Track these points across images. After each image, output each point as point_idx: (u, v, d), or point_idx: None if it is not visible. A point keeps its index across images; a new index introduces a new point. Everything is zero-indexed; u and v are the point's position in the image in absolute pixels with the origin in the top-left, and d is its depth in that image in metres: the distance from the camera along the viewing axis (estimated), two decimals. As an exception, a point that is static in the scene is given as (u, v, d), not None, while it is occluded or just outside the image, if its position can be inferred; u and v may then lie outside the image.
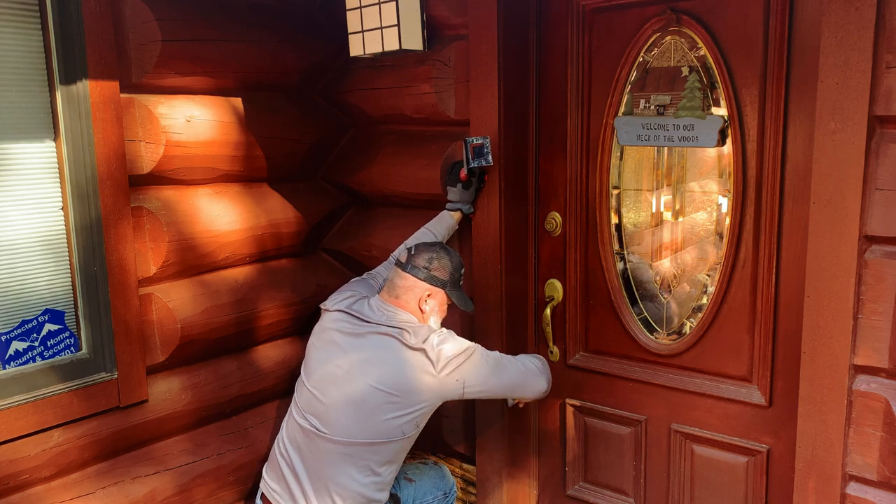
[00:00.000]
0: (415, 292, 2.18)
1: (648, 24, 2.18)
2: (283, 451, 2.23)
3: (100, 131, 2.14)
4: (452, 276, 2.23)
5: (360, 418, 2.09)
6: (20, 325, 2.12)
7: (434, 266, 2.19)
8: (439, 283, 2.20)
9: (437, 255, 2.21)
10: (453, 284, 2.24)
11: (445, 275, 2.21)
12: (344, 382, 2.12)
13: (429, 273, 2.18)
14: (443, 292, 2.22)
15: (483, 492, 2.64)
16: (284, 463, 2.21)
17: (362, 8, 2.43)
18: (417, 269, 2.18)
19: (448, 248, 2.27)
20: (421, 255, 2.20)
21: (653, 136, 2.21)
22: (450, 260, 2.23)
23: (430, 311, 2.21)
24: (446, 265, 2.21)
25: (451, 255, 2.25)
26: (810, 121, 1.90)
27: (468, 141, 2.34)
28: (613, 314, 2.41)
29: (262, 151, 2.57)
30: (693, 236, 2.27)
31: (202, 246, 2.41)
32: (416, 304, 2.19)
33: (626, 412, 2.43)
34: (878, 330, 1.77)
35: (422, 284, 2.18)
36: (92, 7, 2.08)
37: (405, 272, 2.19)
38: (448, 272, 2.21)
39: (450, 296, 2.24)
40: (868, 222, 1.74)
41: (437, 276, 2.19)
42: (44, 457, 2.12)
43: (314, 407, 2.16)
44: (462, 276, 2.28)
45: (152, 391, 2.36)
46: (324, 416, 2.13)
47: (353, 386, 2.10)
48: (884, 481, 1.81)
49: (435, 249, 2.23)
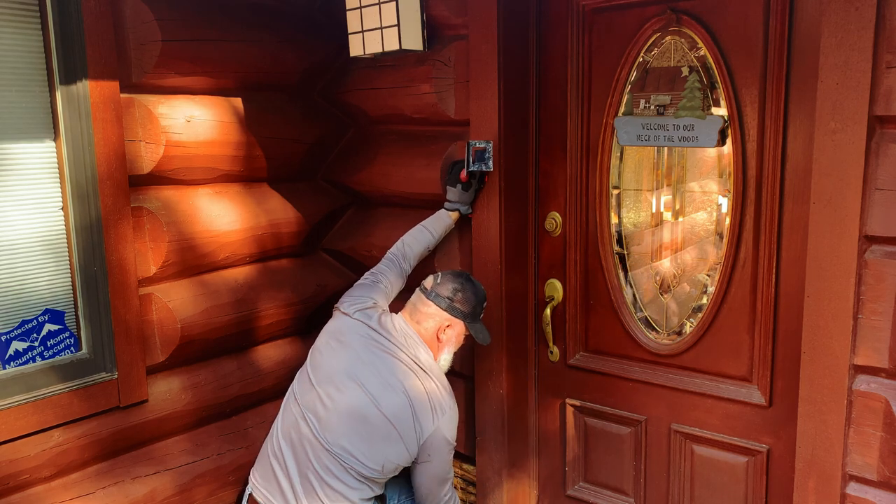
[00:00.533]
0: (435, 320, 2.22)
1: (648, 24, 2.18)
2: (274, 450, 2.23)
3: (100, 131, 2.14)
4: (475, 309, 2.25)
5: (357, 435, 2.11)
6: (20, 325, 2.12)
7: (458, 298, 2.22)
8: (460, 315, 2.22)
9: (462, 287, 2.23)
10: (474, 318, 2.26)
11: (468, 308, 2.23)
12: (354, 395, 2.13)
13: (451, 304, 2.21)
14: (462, 324, 2.25)
15: (483, 492, 2.64)
16: (276, 461, 2.21)
17: (362, 8, 2.43)
18: (441, 298, 2.21)
19: (473, 281, 2.29)
20: (446, 285, 2.23)
21: (653, 136, 2.22)
22: (474, 293, 2.25)
23: (447, 342, 2.25)
24: (470, 298, 2.23)
25: (475, 288, 2.27)
26: (810, 121, 1.90)
27: (471, 144, 2.34)
28: (613, 314, 2.41)
29: (262, 151, 2.57)
30: (693, 236, 2.27)
31: (202, 246, 2.41)
32: (434, 332, 2.23)
33: (626, 412, 2.43)
34: (878, 330, 1.77)
35: (443, 314, 2.21)
36: (92, 7, 2.08)
37: (428, 299, 2.22)
38: (471, 305, 2.24)
39: (468, 328, 2.26)
40: (868, 222, 1.74)
41: (460, 308, 2.22)
42: (44, 457, 2.12)
43: (316, 408, 2.16)
44: (483, 310, 2.30)
45: (152, 391, 2.36)
46: (324, 419, 2.14)
47: (361, 401, 2.12)
48: (884, 481, 1.81)
49: (461, 281, 2.25)
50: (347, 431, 2.11)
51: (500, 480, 2.59)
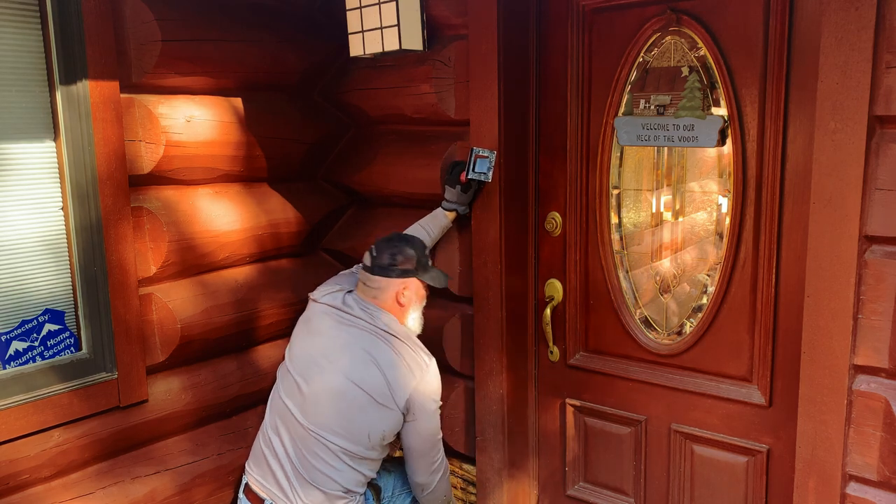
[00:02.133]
0: (390, 290, 2.21)
1: (648, 24, 2.18)
2: (266, 440, 2.25)
3: (100, 131, 2.14)
4: (420, 261, 2.24)
5: (336, 413, 2.12)
6: (20, 325, 2.12)
7: (400, 260, 2.20)
8: (410, 274, 2.22)
9: (399, 248, 2.22)
10: (423, 268, 2.25)
11: (413, 263, 2.22)
12: (328, 376, 2.15)
13: (396, 269, 2.20)
14: (416, 280, 2.24)
15: (483, 492, 2.64)
16: (269, 450, 2.22)
17: (362, 8, 2.43)
18: (384, 268, 2.20)
19: (405, 236, 2.27)
20: (383, 254, 2.21)
21: (653, 136, 2.21)
22: (411, 247, 2.23)
23: (409, 303, 2.24)
24: (410, 254, 2.22)
25: (410, 242, 2.25)
26: (810, 121, 1.90)
27: (475, 150, 2.34)
28: (613, 314, 2.41)
29: (262, 151, 2.57)
30: (693, 236, 2.27)
31: (202, 246, 2.41)
32: (393, 300, 2.22)
33: (625, 412, 2.43)
34: (878, 330, 1.77)
35: (394, 281, 2.20)
36: (92, 7, 2.08)
37: (374, 275, 2.21)
38: (415, 259, 2.22)
39: (423, 280, 2.25)
40: (868, 222, 1.74)
41: (406, 268, 2.21)
42: (44, 457, 2.12)
43: (296, 396, 2.19)
44: (428, 256, 2.28)
45: (152, 391, 2.36)
46: (304, 405, 2.16)
47: (336, 380, 2.13)
48: (884, 481, 1.81)
49: (394, 243, 2.23)
50: (327, 412, 2.13)
51: (500, 480, 2.59)
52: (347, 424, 2.12)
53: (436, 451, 2.26)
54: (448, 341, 2.63)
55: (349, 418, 2.12)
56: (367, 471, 2.21)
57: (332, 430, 2.13)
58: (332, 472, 2.14)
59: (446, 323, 2.62)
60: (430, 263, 2.30)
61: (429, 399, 2.17)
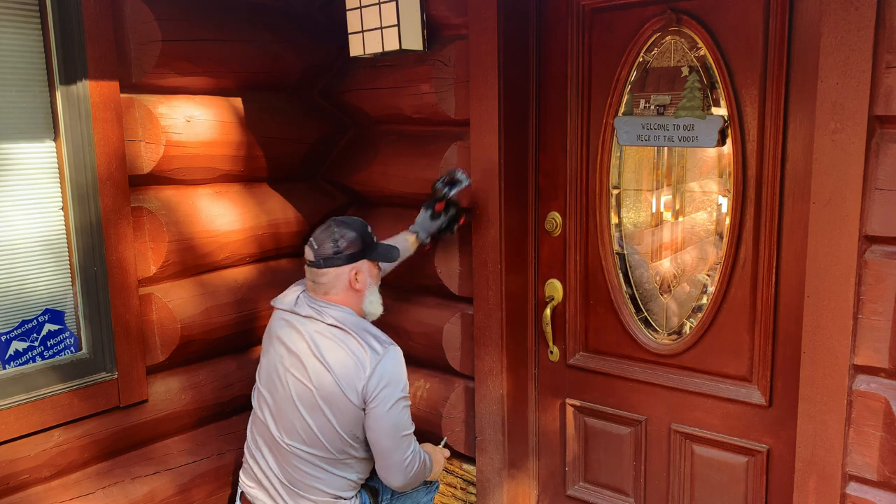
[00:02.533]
0: (342, 279, 2.13)
1: (648, 24, 2.18)
2: (252, 455, 2.24)
3: (100, 131, 2.14)
4: (364, 240, 2.15)
5: (301, 422, 2.09)
6: (20, 325, 2.12)
7: (343, 246, 2.11)
8: (358, 257, 2.14)
9: (339, 233, 2.13)
10: (370, 248, 2.17)
11: (358, 245, 2.13)
12: (284, 382, 2.12)
13: (343, 255, 2.11)
14: (366, 261, 2.17)
15: (483, 492, 2.64)
16: (255, 465, 2.22)
17: (362, 8, 2.43)
18: (330, 259, 2.11)
19: (340, 219, 2.19)
20: (325, 245, 2.12)
21: (653, 136, 2.21)
22: (352, 229, 2.15)
23: (364, 285, 2.17)
24: (353, 237, 2.13)
25: (349, 223, 2.17)
26: (810, 121, 1.90)
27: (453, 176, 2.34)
28: (613, 314, 2.41)
29: (261, 151, 2.57)
30: (693, 236, 2.27)
31: (202, 246, 2.41)
32: (347, 288, 2.14)
33: (625, 412, 2.43)
34: (878, 330, 1.77)
35: (343, 269, 2.12)
36: (92, 7, 2.08)
37: (321, 269, 2.12)
38: (359, 241, 2.14)
39: (372, 259, 2.19)
40: (868, 222, 1.74)
41: (352, 251, 2.12)
42: (44, 457, 2.12)
43: (265, 409, 2.18)
44: (371, 234, 2.20)
45: (152, 391, 2.36)
46: (273, 419, 2.15)
47: (291, 386, 2.11)
48: (884, 481, 1.81)
49: (332, 229, 2.14)
50: (293, 423, 2.10)
51: (500, 481, 2.59)
52: (314, 432, 2.08)
53: (404, 446, 2.11)
54: (448, 341, 2.63)
55: (313, 425, 2.08)
56: (353, 474, 2.17)
57: (302, 439, 2.09)
58: (315, 481, 2.12)
59: (446, 323, 2.62)
60: (374, 240, 2.21)
61: (384, 389, 2.05)
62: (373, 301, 2.21)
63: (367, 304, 2.20)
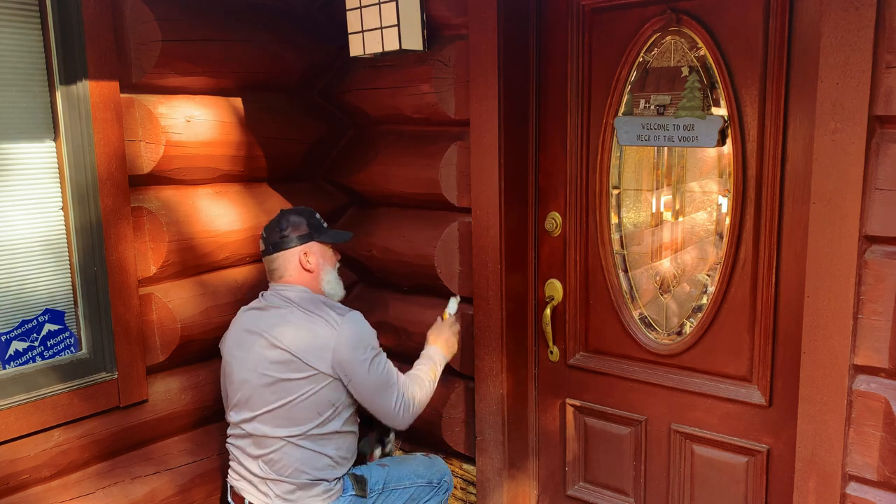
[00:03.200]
0: (292, 261, 2.23)
1: (648, 24, 2.18)
2: (232, 445, 2.25)
3: (100, 131, 2.14)
4: (311, 223, 2.26)
5: (269, 406, 2.11)
6: (20, 325, 2.12)
7: (288, 230, 2.23)
8: (305, 239, 2.24)
9: (285, 220, 2.25)
10: (318, 230, 2.27)
11: (304, 228, 2.24)
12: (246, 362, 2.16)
13: (289, 239, 2.22)
14: (315, 243, 2.26)
15: (483, 492, 2.64)
16: (236, 457, 2.23)
17: (362, 8, 2.43)
18: (278, 243, 2.23)
19: (288, 209, 2.31)
20: (272, 232, 2.25)
21: (653, 136, 2.21)
22: (296, 214, 2.27)
23: (317, 265, 2.25)
24: (297, 221, 2.25)
25: (295, 210, 2.29)
26: (810, 121, 1.90)
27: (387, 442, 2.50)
28: (613, 314, 2.41)
29: (262, 151, 2.57)
30: (693, 236, 2.27)
31: (202, 246, 2.41)
32: (298, 269, 2.23)
33: (626, 412, 2.43)
34: (878, 330, 1.77)
35: (292, 251, 2.22)
36: (92, 7, 2.08)
37: (272, 254, 2.24)
38: (304, 224, 2.25)
39: (323, 242, 2.28)
40: (868, 222, 1.74)
41: (298, 234, 2.23)
42: (44, 457, 2.12)
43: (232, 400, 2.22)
44: (321, 219, 2.31)
45: (152, 391, 2.36)
46: (245, 405, 2.17)
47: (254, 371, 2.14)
48: (884, 481, 1.81)
49: (277, 218, 2.28)
50: (263, 410, 2.12)
51: (500, 481, 2.59)
52: (284, 412, 2.10)
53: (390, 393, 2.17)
54: (448, 341, 2.63)
55: (281, 406, 2.10)
56: (331, 450, 2.17)
57: (275, 423, 2.11)
58: (294, 462, 2.12)
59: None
60: (323, 224, 2.31)
61: (353, 350, 2.10)
62: (330, 281, 2.29)
63: (325, 285, 2.28)
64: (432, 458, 2.47)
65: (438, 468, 2.44)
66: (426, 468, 2.41)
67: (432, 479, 2.40)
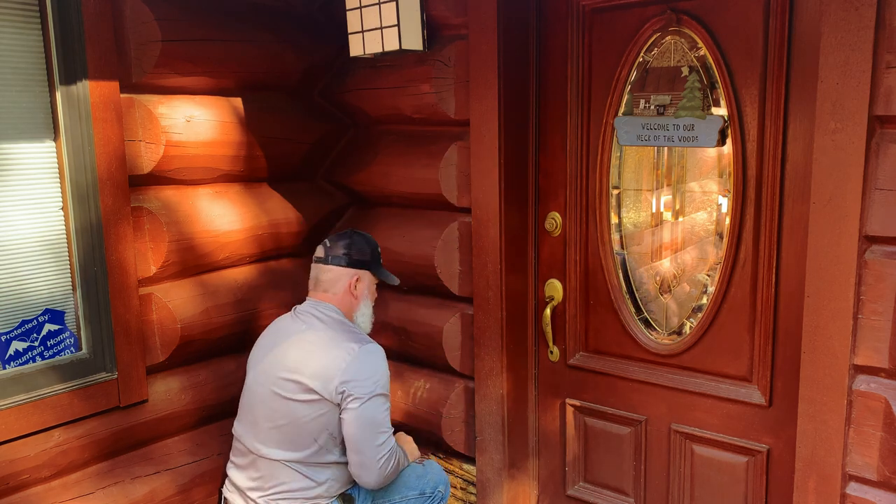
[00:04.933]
0: (342, 281, 2.23)
1: (648, 24, 2.18)
2: (232, 458, 2.28)
3: (100, 131, 2.14)
4: (373, 254, 2.28)
5: (276, 428, 2.12)
6: (20, 325, 2.12)
7: (354, 251, 2.23)
8: (364, 265, 2.24)
9: (353, 241, 2.25)
10: (376, 263, 2.29)
11: (367, 255, 2.25)
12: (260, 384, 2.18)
13: (351, 258, 2.22)
14: (369, 273, 2.27)
15: (483, 492, 2.64)
16: (232, 469, 2.25)
17: (362, 8, 2.43)
18: (338, 257, 2.22)
19: (360, 232, 2.32)
20: (338, 245, 2.24)
21: (653, 136, 2.22)
22: (366, 242, 2.28)
23: (361, 294, 2.26)
24: (364, 247, 2.25)
25: (365, 237, 2.30)
26: (810, 121, 1.90)
27: None
28: (613, 314, 2.41)
29: (262, 151, 2.57)
30: (693, 236, 2.27)
31: (202, 246, 2.41)
32: (345, 291, 2.23)
33: (626, 412, 2.43)
34: (878, 330, 1.77)
35: (348, 271, 2.23)
36: (92, 7, 2.08)
37: (327, 265, 2.23)
38: (369, 253, 2.26)
39: (376, 275, 2.29)
40: (868, 222, 1.74)
41: (359, 258, 2.24)
42: (44, 457, 2.12)
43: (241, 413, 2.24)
44: (380, 254, 2.33)
45: (152, 391, 2.36)
46: (251, 423, 2.19)
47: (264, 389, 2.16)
48: (884, 481, 1.81)
49: (349, 235, 2.28)
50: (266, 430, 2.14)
51: (500, 481, 2.59)
52: (282, 433, 2.11)
53: (378, 444, 2.09)
54: (448, 341, 2.63)
55: (285, 429, 2.10)
56: (326, 481, 2.15)
57: (275, 444, 2.12)
58: (283, 484, 2.12)
59: (446, 323, 2.62)
60: (381, 261, 2.34)
61: (358, 384, 2.06)
62: (364, 314, 2.30)
63: (359, 316, 2.28)
64: (426, 466, 2.37)
65: (432, 477, 2.35)
66: (418, 478, 2.31)
67: (425, 490, 2.31)
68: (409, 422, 2.79)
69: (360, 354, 2.09)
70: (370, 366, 2.11)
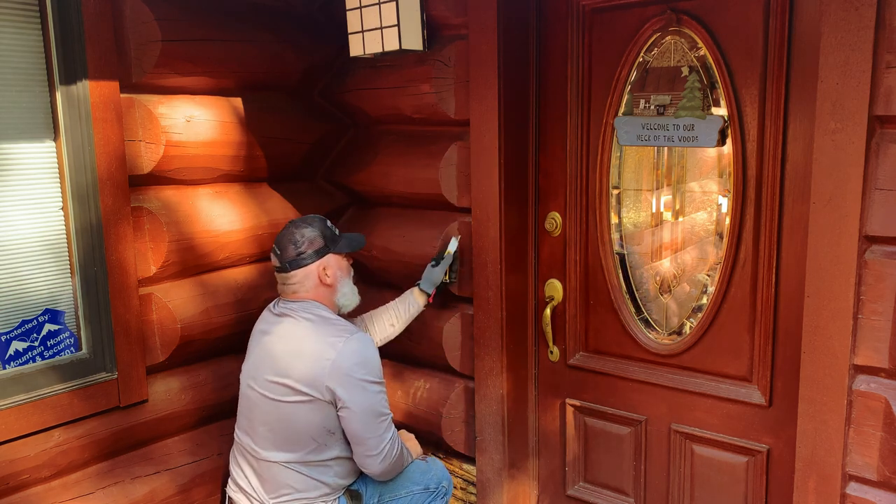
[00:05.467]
0: (311, 277, 2.17)
1: (648, 24, 2.18)
2: (233, 459, 2.28)
3: (100, 131, 2.14)
4: (325, 235, 2.18)
5: (270, 431, 2.12)
6: (20, 325, 2.12)
7: (305, 246, 2.15)
8: (323, 252, 2.17)
9: (298, 233, 2.16)
10: (333, 241, 2.20)
11: (320, 241, 2.17)
12: (253, 388, 2.17)
13: (307, 253, 2.14)
14: (331, 255, 2.19)
15: (483, 492, 2.64)
16: (235, 469, 2.26)
17: (362, 8, 2.43)
18: (295, 260, 2.14)
19: (297, 220, 2.22)
20: (288, 249, 2.15)
21: (653, 136, 2.22)
22: (308, 227, 2.18)
23: (335, 279, 2.20)
24: (312, 234, 2.16)
25: (307, 221, 2.20)
26: (810, 121, 1.90)
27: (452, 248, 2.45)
28: (613, 314, 2.41)
29: (262, 151, 2.57)
30: (693, 236, 2.27)
31: (202, 246, 2.41)
32: (317, 284, 2.17)
33: (626, 412, 2.43)
34: (878, 330, 1.77)
35: (309, 268, 2.15)
36: (92, 7, 2.08)
37: (288, 272, 2.16)
38: (320, 238, 2.17)
39: (339, 252, 2.21)
40: (868, 222, 1.74)
41: (315, 249, 2.15)
42: (44, 457, 2.12)
43: (243, 426, 2.23)
44: (332, 227, 2.24)
45: (152, 391, 2.36)
46: (248, 424, 2.19)
47: (258, 391, 2.15)
48: (884, 481, 1.81)
49: (290, 231, 2.18)
50: (263, 431, 2.14)
51: (500, 481, 2.59)
52: (283, 435, 2.10)
53: (380, 431, 2.10)
54: (448, 341, 2.63)
55: (281, 429, 2.10)
56: (329, 478, 2.16)
57: (273, 445, 2.12)
58: (286, 486, 2.13)
59: (446, 323, 2.62)
60: (337, 232, 2.24)
61: (349, 375, 2.04)
62: (346, 293, 2.24)
63: (341, 297, 2.23)
64: (429, 462, 2.40)
65: (436, 473, 2.36)
66: (422, 474, 2.33)
67: (429, 485, 2.33)
68: (409, 422, 2.79)
69: (343, 350, 2.06)
70: (355, 357, 2.07)
